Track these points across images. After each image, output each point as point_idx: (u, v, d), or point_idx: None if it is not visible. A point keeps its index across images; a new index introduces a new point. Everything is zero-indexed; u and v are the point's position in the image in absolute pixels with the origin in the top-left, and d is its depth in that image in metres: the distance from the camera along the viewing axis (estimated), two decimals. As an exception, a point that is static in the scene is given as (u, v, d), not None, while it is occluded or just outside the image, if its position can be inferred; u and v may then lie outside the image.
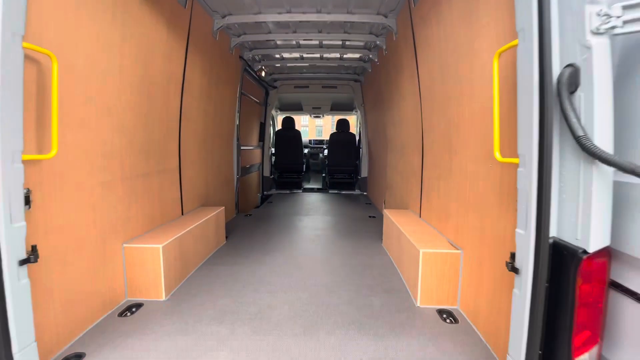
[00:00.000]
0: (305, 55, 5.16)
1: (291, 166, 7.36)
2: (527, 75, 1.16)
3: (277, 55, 5.18)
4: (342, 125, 7.25)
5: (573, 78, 1.05)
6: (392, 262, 2.97)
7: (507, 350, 1.33)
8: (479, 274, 1.87)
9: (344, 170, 7.23)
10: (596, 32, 1.00)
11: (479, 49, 1.82)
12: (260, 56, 5.17)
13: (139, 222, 2.41)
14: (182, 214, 3.15)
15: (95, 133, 1.94)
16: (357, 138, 7.35)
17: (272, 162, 7.43)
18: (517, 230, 1.27)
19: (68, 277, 1.73)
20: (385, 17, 3.48)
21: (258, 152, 6.68)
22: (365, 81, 6.19)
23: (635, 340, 1.07)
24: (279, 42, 4.56)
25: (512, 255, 1.31)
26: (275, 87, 6.73)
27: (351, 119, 8.00)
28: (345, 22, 3.53)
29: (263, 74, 6.04)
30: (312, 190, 7.34)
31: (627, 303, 1.09)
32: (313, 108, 7.82)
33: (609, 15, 0.99)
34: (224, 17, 3.49)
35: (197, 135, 3.49)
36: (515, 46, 1.26)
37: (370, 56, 4.74)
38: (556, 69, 1.09)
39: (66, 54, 1.66)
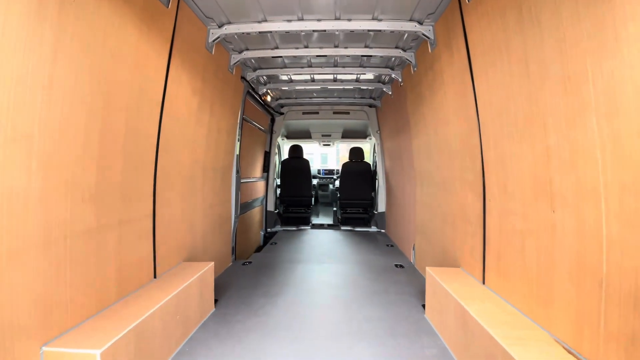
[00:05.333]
0: (317, 77, 4.52)
1: (299, 199, 6.51)
2: None
3: (285, 77, 4.55)
4: (357, 153, 6.48)
5: None
6: (447, 351, 2.06)
7: None
8: None
9: (358, 204, 6.35)
10: None
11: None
12: (265, 78, 4.54)
13: (76, 307, 1.58)
14: (155, 276, 2.31)
15: None
16: (373, 168, 6.57)
17: (277, 195, 6.63)
18: None
19: None
20: (420, 23, 2.82)
21: (262, 184, 5.91)
22: (383, 106, 5.52)
23: None
24: (287, 61, 3.92)
25: None
26: (281, 114, 6.09)
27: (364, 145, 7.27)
28: (367, 30, 2.85)
29: (269, 98, 5.41)
30: (321, 226, 6.45)
31: None
32: (322, 135, 7.12)
33: None
34: (220, 26, 2.83)
35: (182, 169, 2.73)
36: None
37: (393, 76, 4.07)
38: None
39: None
